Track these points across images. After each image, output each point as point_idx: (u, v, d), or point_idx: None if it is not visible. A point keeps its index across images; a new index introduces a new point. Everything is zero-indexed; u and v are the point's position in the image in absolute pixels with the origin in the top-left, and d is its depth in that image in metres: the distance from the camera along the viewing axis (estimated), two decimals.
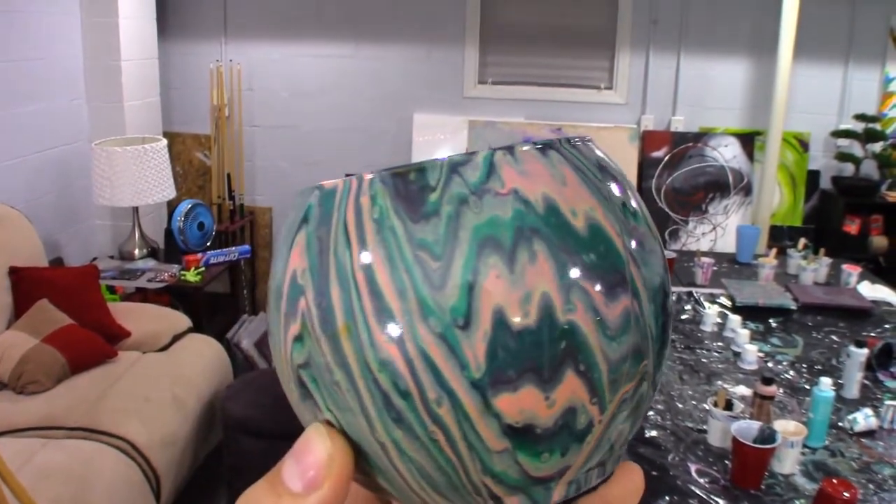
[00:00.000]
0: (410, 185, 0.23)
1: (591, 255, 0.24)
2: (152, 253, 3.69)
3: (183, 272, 3.51)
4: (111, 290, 3.44)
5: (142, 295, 3.54)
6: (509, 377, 0.22)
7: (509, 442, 0.23)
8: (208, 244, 3.89)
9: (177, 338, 3.10)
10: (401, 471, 0.24)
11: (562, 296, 0.23)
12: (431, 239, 0.22)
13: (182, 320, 3.22)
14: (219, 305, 4.01)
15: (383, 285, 0.22)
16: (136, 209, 3.59)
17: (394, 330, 0.22)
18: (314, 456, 0.24)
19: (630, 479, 0.29)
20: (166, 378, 2.78)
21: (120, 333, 2.96)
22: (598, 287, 0.23)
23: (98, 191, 3.43)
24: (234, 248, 3.84)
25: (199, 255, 3.63)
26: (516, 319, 0.22)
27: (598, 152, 0.27)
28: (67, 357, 2.64)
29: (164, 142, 3.62)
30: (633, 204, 0.27)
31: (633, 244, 0.25)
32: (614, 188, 0.26)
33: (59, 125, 3.63)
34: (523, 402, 0.22)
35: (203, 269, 3.59)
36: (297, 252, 0.24)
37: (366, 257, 0.23)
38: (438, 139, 4.32)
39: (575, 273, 0.23)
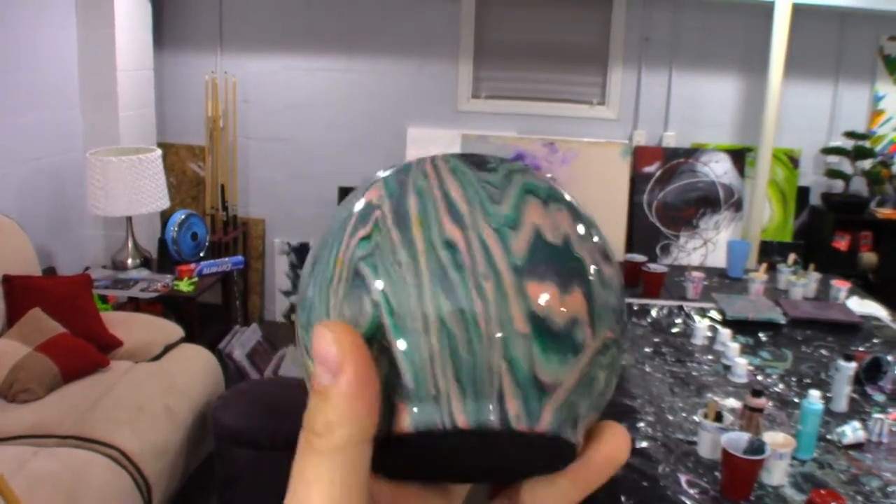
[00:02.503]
0: (475, 158, 0.32)
1: (597, 232, 0.32)
2: (145, 263, 3.69)
3: (176, 282, 3.51)
4: (103, 299, 3.44)
5: (134, 304, 3.54)
6: (539, 271, 0.29)
7: (531, 327, 0.28)
8: (202, 254, 3.89)
9: (169, 348, 3.10)
10: (433, 347, 0.28)
11: (577, 239, 0.30)
12: (493, 180, 0.30)
13: (174, 330, 3.22)
14: (211, 316, 4.01)
15: (455, 196, 0.29)
16: (129, 219, 3.59)
17: (459, 222, 0.29)
18: (326, 348, 0.27)
19: (616, 439, 0.31)
20: (158, 388, 2.77)
21: (112, 343, 2.96)
22: (598, 251, 0.31)
23: (92, 200, 3.44)
24: (227, 259, 3.84)
25: (193, 265, 3.63)
26: (548, 236, 0.30)
27: None
28: (60, 366, 2.63)
29: (159, 152, 3.63)
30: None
31: None
32: None
33: (54, 135, 3.64)
34: (546, 292, 0.29)
35: (196, 279, 3.59)
36: (374, 191, 0.31)
37: (443, 183, 0.30)
38: (432, 153, 4.34)
39: (582, 230, 0.31)
